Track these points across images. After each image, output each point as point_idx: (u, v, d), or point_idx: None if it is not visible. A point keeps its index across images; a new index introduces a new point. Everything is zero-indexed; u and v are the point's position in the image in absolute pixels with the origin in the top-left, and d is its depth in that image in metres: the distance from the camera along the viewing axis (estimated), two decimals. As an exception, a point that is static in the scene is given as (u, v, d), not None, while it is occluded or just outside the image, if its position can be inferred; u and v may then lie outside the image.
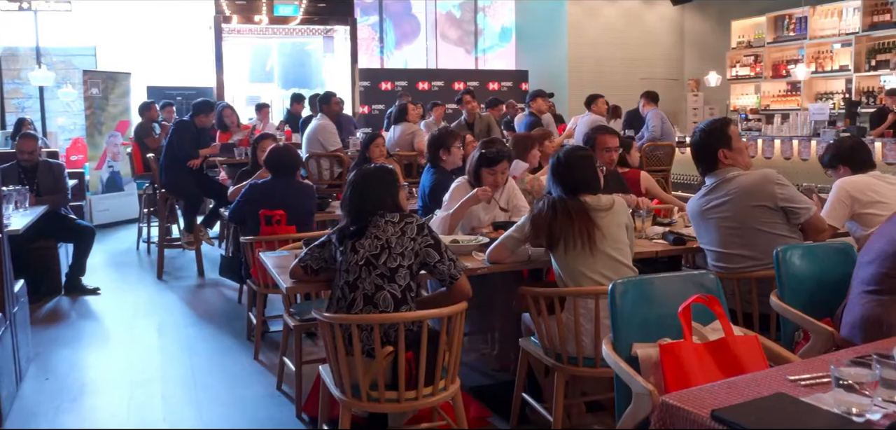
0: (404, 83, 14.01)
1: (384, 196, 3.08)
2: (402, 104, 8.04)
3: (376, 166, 3.24)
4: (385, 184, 3.11)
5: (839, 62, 12.72)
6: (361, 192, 3.09)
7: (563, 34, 14.84)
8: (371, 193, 3.08)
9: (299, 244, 4.14)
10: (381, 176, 3.15)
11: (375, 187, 3.09)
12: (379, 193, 3.08)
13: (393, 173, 3.19)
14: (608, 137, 4.80)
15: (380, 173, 3.16)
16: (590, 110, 8.72)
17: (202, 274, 7.33)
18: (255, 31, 13.89)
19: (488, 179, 4.26)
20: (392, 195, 3.11)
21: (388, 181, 3.13)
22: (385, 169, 3.20)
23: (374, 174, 3.15)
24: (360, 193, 3.09)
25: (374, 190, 3.08)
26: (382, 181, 3.12)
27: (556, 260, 3.31)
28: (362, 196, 3.08)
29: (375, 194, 3.08)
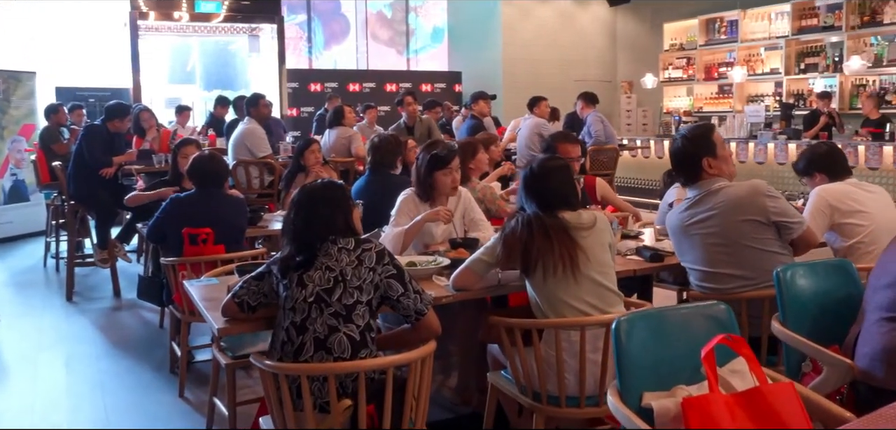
0: (334, 85, 13.47)
1: (335, 217, 2.61)
2: (338, 107, 7.54)
3: (324, 182, 2.75)
4: (335, 203, 2.64)
5: (770, 65, 12.81)
6: (307, 213, 2.60)
7: (497, 35, 14.56)
8: (319, 215, 2.59)
9: (231, 266, 3.64)
10: (331, 194, 2.66)
11: (324, 207, 2.61)
12: (329, 215, 2.60)
13: (344, 190, 2.72)
14: (570, 145, 4.41)
15: (329, 190, 2.67)
16: (532, 113, 8.38)
17: (118, 295, 6.67)
18: (174, 29, 13.09)
19: (443, 182, 3.83)
20: (345, 216, 2.63)
21: (340, 199, 2.66)
22: (334, 185, 2.73)
23: (321, 192, 2.66)
24: (305, 216, 2.60)
25: (323, 211, 2.60)
26: (332, 200, 2.64)
27: (533, 286, 2.90)
28: (308, 219, 2.59)
29: (325, 216, 2.59)
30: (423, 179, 3.84)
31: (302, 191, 2.68)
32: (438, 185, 3.83)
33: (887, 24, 11.19)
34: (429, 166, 3.81)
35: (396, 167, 4.74)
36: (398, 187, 4.29)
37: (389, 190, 4.24)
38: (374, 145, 4.73)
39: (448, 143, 3.99)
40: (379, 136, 4.87)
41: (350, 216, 2.64)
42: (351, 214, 2.65)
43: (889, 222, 3.82)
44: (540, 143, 8.22)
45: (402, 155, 4.80)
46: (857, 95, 11.61)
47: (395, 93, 14.29)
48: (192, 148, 5.35)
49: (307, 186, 2.69)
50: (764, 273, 3.18)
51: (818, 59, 12.16)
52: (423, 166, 3.83)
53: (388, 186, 4.39)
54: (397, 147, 4.73)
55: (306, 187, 2.69)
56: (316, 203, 2.61)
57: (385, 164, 4.67)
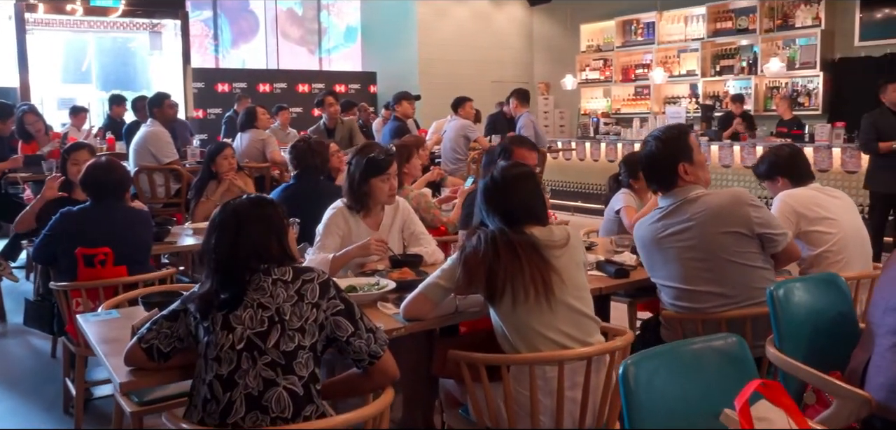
0: (243, 85, 12.78)
1: (268, 241, 2.13)
2: (250, 108, 6.96)
3: (252, 198, 2.23)
4: (268, 223, 2.16)
5: (686, 67, 12.89)
6: (233, 237, 2.11)
7: (413, 35, 14.16)
8: (248, 239, 2.11)
9: (134, 293, 3.11)
10: (262, 211, 2.17)
11: (254, 229, 2.12)
12: (260, 238, 2.12)
13: (276, 207, 2.24)
14: (527, 150, 3.99)
15: (258, 208, 2.18)
16: (457, 114, 8.00)
17: (3, 319, 5.90)
18: (67, 24, 12.09)
19: (380, 191, 3.39)
20: (279, 238, 2.16)
21: (272, 218, 2.18)
22: (264, 201, 2.24)
23: (250, 210, 2.16)
24: (231, 240, 2.11)
25: (253, 233, 2.12)
26: (264, 219, 2.16)
27: (500, 314, 2.49)
28: (235, 244, 2.11)
29: (255, 240, 2.11)
30: (358, 187, 3.39)
31: (225, 210, 2.18)
32: (375, 194, 3.39)
33: (799, 27, 11.39)
34: (364, 172, 3.36)
35: (323, 172, 4.27)
36: (329, 197, 3.84)
37: (319, 200, 3.78)
38: (301, 148, 4.24)
39: (383, 146, 3.54)
40: (304, 138, 4.38)
41: (285, 239, 2.17)
42: (286, 236, 2.18)
43: (855, 229, 3.62)
44: (465, 145, 7.90)
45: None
46: (772, 96, 11.79)
47: (307, 94, 13.72)
48: (84, 153, 4.70)
49: (231, 204, 2.19)
50: (746, 290, 2.90)
51: (733, 62, 12.31)
52: (358, 172, 3.37)
53: (317, 196, 3.92)
54: (325, 150, 4.26)
55: (230, 205, 2.18)
56: (243, 224, 2.12)
57: (312, 169, 4.19)
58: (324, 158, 4.26)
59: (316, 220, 3.47)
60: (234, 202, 2.19)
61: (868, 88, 11.08)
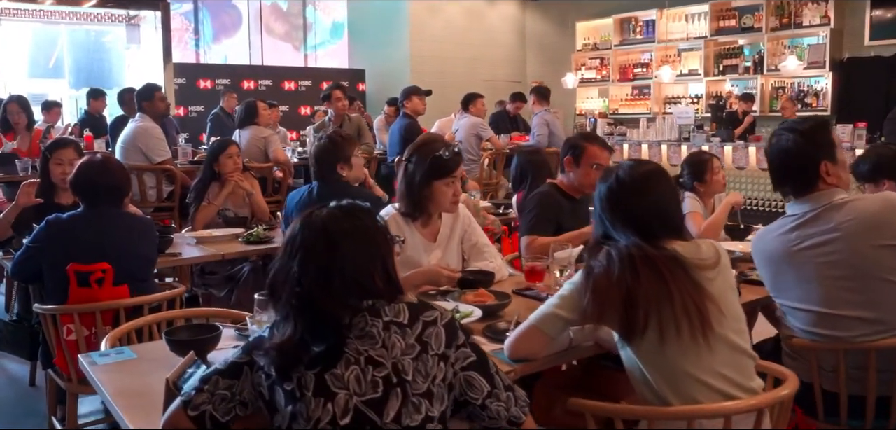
0: (227, 81, 12.12)
1: (372, 267, 1.56)
2: (251, 103, 6.34)
3: (346, 206, 1.62)
4: (370, 241, 1.58)
5: (688, 66, 12.48)
6: (327, 261, 1.53)
7: (404, 31, 13.61)
8: (346, 264, 1.53)
9: (141, 321, 2.52)
10: (361, 225, 1.59)
11: (354, 250, 1.54)
12: (362, 263, 1.55)
13: (376, 219, 1.65)
14: (599, 148, 3.45)
15: (356, 219, 1.59)
16: (468, 111, 7.45)
17: (-30, 338, 5.21)
18: (37, 15, 11.32)
19: (443, 196, 2.83)
20: (385, 263, 1.59)
21: (376, 235, 1.61)
22: (362, 211, 1.63)
23: (345, 223, 1.57)
24: (322, 266, 1.53)
25: (353, 255, 1.54)
26: (366, 236, 1.58)
27: (639, 353, 1.94)
28: (328, 271, 1.52)
29: (356, 265, 1.54)
30: (418, 191, 2.82)
31: (311, 224, 1.57)
32: (437, 199, 2.83)
33: (806, 26, 11.04)
34: (427, 173, 2.79)
35: (346, 174, 3.69)
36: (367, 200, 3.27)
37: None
38: (326, 146, 3.65)
39: (448, 143, 2.97)
40: (331, 133, 3.80)
41: (392, 265, 1.59)
42: (393, 259, 1.60)
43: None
44: (478, 144, 7.36)
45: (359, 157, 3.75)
46: (777, 97, 11.43)
47: (294, 91, 13.10)
48: (69, 151, 4.05)
49: (318, 216, 1.59)
50: (903, 317, 2.37)
51: (737, 61, 11.93)
52: (419, 173, 2.80)
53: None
54: (351, 146, 3.69)
55: (316, 217, 1.58)
56: (338, 244, 1.53)
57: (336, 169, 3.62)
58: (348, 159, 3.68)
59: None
60: (320, 213, 1.59)
61: (877, 88, 10.83)
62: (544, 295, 2.79)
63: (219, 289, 4.43)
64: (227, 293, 4.37)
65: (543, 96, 7.92)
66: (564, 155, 3.55)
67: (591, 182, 3.49)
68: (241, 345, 1.58)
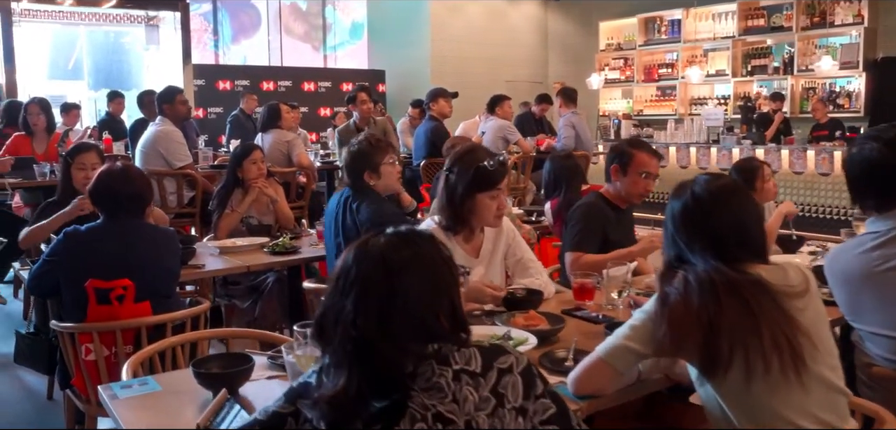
0: (246, 82, 11.98)
1: (437, 305, 1.35)
2: (274, 106, 6.16)
3: (404, 233, 1.41)
4: (434, 274, 1.37)
5: (715, 66, 12.21)
6: (384, 299, 1.32)
7: (425, 32, 13.43)
8: (408, 302, 1.32)
9: (166, 343, 2.34)
10: (422, 253, 1.38)
11: (416, 285, 1.33)
12: (426, 300, 1.34)
13: (440, 247, 1.43)
14: (647, 155, 3.25)
15: (415, 247, 1.38)
16: (494, 114, 7.24)
17: (-13, 348, 5.09)
18: (56, 16, 11.23)
19: (487, 209, 2.63)
20: (452, 300, 1.38)
21: (439, 266, 1.39)
22: (422, 238, 1.42)
23: (404, 252, 1.36)
24: (380, 303, 1.32)
25: (416, 291, 1.33)
26: (429, 267, 1.37)
27: (722, 391, 1.73)
28: (387, 310, 1.31)
29: (418, 303, 1.33)
30: (459, 203, 2.62)
31: (366, 254, 1.36)
32: (480, 213, 2.63)
33: (839, 25, 10.74)
34: (470, 185, 2.59)
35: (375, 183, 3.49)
36: (394, 216, 3.11)
37: (388, 220, 3.04)
38: (354, 152, 3.45)
39: (493, 152, 2.76)
40: (362, 138, 3.60)
41: (459, 301, 1.40)
42: (459, 295, 1.40)
43: None
44: (504, 148, 7.14)
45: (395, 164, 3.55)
46: (808, 98, 11.14)
47: (313, 92, 12.95)
48: (92, 156, 3.91)
49: (372, 244, 1.37)
50: None
51: (766, 61, 11.64)
52: (462, 184, 2.60)
53: (386, 214, 3.17)
54: (382, 154, 3.49)
55: (371, 246, 1.37)
56: (398, 277, 1.32)
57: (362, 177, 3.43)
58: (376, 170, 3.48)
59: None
60: (377, 242, 1.37)
61: (914, 89, 10.54)
62: (595, 315, 2.60)
63: (242, 300, 4.26)
64: (251, 305, 4.20)
65: (570, 98, 7.69)
66: (611, 163, 3.34)
67: (639, 192, 3.30)
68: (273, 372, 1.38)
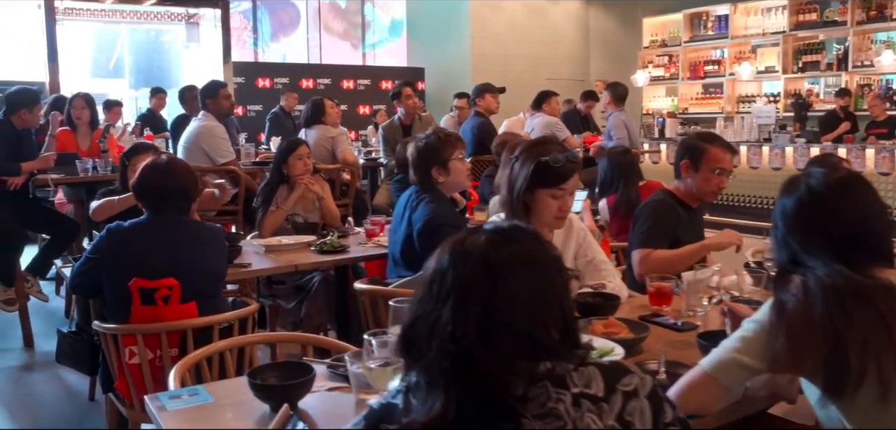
0: (285, 80, 11.91)
1: (547, 314, 1.16)
2: (318, 101, 6.02)
3: (506, 228, 1.21)
4: (544, 278, 1.17)
5: (764, 63, 11.84)
6: (491, 308, 1.12)
7: (465, 29, 13.26)
8: (514, 312, 1.12)
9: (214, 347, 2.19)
10: (528, 253, 1.18)
11: (524, 291, 1.14)
12: (535, 310, 1.14)
13: (547, 247, 1.23)
14: (721, 150, 3.02)
15: (518, 244, 1.18)
16: (541, 110, 7.03)
17: (30, 346, 5.01)
18: (98, 14, 11.26)
19: (548, 208, 2.43)
20: (563, 309, 1.18)
21: (549, 270, 1.19)
22: (527, 235, 1.22)
23: (507, 251, 1.16)
24: (492, 313, 1.13)
25: (523, 300, 1.13)
26: (538, 270, 1.17)
27: (850, 413, 1.51)
28: (491, 322, 1.12)
29: (526, 313, 1.13)
30: (517, 197, 2.42)
31: (462, 253, 1.16)
32: (540, 211, 2.42)
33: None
34: (532, 180, 2.39)
35: (443, 181, 3.31)
36: (452, 218, 2.95)
37: (444, 222, 2.89)
38: (429, 146, 3.26)
39: (565, 146, 2.56)
40: (430, 131, 3.41)
41: (570, 309, 1.20)
42: (571, 303, 1.20)
43: None
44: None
45: (464, 160, 3.35)
46: (863, 95, 10.73)
47: (352, 90, 12.84)
48: (148, 157, 3.78)
49: (470, 242, 1.17)
50: None
51: (819, 57, 11.23)
52: (523, 178, 2.40)
53: (442, 216, 3.00)
54: (452, 149, 3.30)
55: (468, 244, 1.17)
56: (501, 281, 1.13)
57: (430, 173, 3.24)
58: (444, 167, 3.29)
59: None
60: (477, 240, 1.18)
61: (979, 85, 10.09)
62: (674, 322, 2.39)
63: (287, 300, 4.12)
64: (296, 305, 4.05)
65: (620, 97, 7.44)
66: (680, 158, 3.12)
67: (711, 189, 3.08)
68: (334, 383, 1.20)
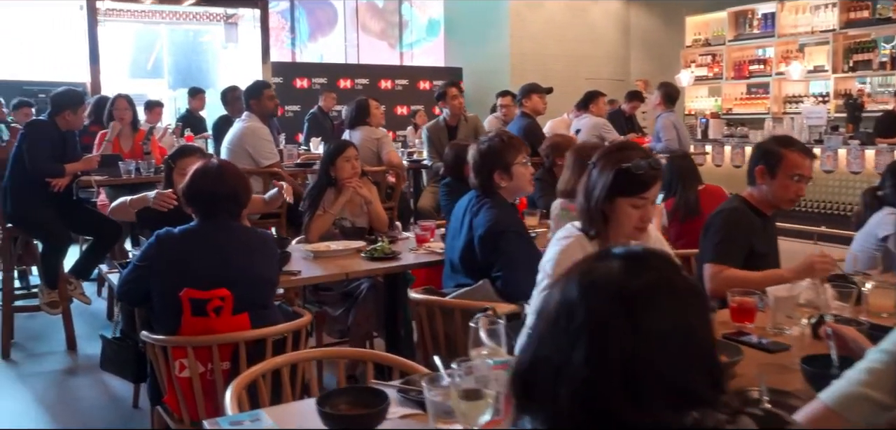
0: (323, 80, 11.88)
1: (690, 356, 0.97)
2: (362, 102, 5.90)
3: (639, 253, 1.04)
4: (689, 315, 0.99)
5: (813, 62, 11.50)
6: (631, 349, 0.95)
7: (504, 28, 13.09)
8: (657, 354, 0.95)
9: (266, 366, 2.07)
10: (668, 284, 1.00)
11: (666, 333, 0.96)
12: (678, 351, 0.96)
13: (683, 273, 1.05)
14: (799, 155, 2.85)
15: (655, 272, 1.01)
16: (588, 111, 6.85)
17: (73, 349, 4.97)
18: (138, 15, 11.29)
19: (628, 218, 2.26)
20: (709, 346, 1.01)
21: (692, 307, 1.01)
22: (660, 259, 1.05)
23: (641, 281, 0.99)
24: (628, 357, 0.95)
25: (666, 340, 0.95)
26: (682, 307, 0.99)
27: None
28: (632, 366, 0.95)
29: (670, 356, 0.95)
30: (596, 205, 2.26)
31: (591, 284, 1.00)
32: (620, 221, 2.26)
33: (952, 17, 9.97)
34: (613, 187, 2.23)
35: (505, 185, 3.16)
36: (516, 225, 2.81)
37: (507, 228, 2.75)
38: (491, 149, 3.11)
39: (647, 151, 2.38)
40: (493, 134, 3.27)
41: (715, 349, 1.02)
42: (714, 340, 1.03)
43: None
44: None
45: (527, 164, 3.20)
46: (918, 95, 10.37)
47: (390, 90, 12.75)
48: (194, 160, 3.66)
49: (601, 273, 1.01)
50: None
51: (870, 56, 10.87)
52: (602, 185, 2.24)
53: (505, 222, 2.87)
54: (515, 153, 3.15)
55: (601, 275, 1.01)
56: (643, 312, 0.97)
57: (492, 177, 3.10)
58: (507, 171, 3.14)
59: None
60: (608, 268, 1.02)
61: None
62: (758, 341, 2.22)
63: (334, 307, 4.00)
64: (344, 312, 3.93)
65: (671, 98, 7.21)
66: (756, 163, 2.95)
67: (789, 196, 2.90)
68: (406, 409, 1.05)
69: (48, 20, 10.56)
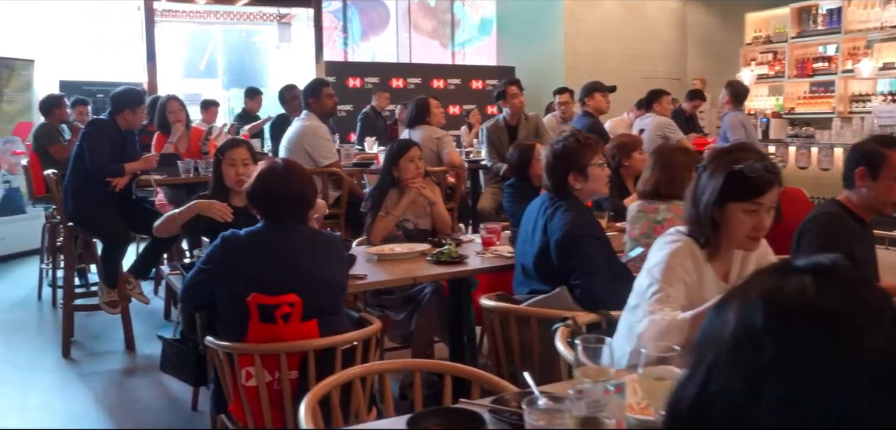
0: (376, 80, 11.82)
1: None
2: (422, 101, 5.79)
3: (821, 263, 0.85)
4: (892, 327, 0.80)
5: (882, 59, 11.03)
6: (838, 374, 0.76)
7: (558, 26, 12.88)
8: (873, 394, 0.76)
9: (343, 376, 1.95)
10: (868, 298, 0.82)
11: (879, 356, 0.77)
12: (884, 388, 0.76)
13: (884, 292, 0.84)
14: None
15: (856, 288, 0.83)
16: (652, 110, 6.63)
17: (132, 349, 4.95)
18: (193, 15, 11.37)
19: (741, 226, 2.06)
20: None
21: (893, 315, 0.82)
22: (849, 271, 0.85)
23: (836, 299, 0.80)
24: (835, 383, 0.77)
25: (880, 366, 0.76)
26: (885, 315, 0.81)
27: None
28: (840, 397, 0.76)
29: (881, 396, 0.76)
30: (704, 212, 2.08)
31: (779, 299, 0.82)
32: (731, 228, 2.06)
33: None
34: (724, 191, 2.04)
35: (580, 187, 3.00)
36: (595, 229, 2.65)
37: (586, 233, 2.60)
38: (566, 149, 2.96)
39: (763, 153, 2.20)
40: (568, 134, 3.12)
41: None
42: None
43: None
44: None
45: (603, 167, 3.04)
46: None
47: (442, 89, 12.64)
48: (242, 151, 3.64)
49: (792, 291, 0.82)
50: None
51: (944, 52, 10.40)
52: (711, 189, 2.06)
53: (584, 226, 2.72)
54: (591, 154, 3.00)
55: (792, 294, 0.82)
56: (850, 340, 0.78)
57: (566, 179, 2.94)
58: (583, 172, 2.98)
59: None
60: (789, 285, 0.84)
61: None
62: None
63: (396, 311, 3.88)
64: (406, 317, 3.81)
65: (739, 96, 6.95)
66: (855, 165, 2.73)
67: (893, 199, 2.68)
68: None
69: (106, 21, 10.68)
